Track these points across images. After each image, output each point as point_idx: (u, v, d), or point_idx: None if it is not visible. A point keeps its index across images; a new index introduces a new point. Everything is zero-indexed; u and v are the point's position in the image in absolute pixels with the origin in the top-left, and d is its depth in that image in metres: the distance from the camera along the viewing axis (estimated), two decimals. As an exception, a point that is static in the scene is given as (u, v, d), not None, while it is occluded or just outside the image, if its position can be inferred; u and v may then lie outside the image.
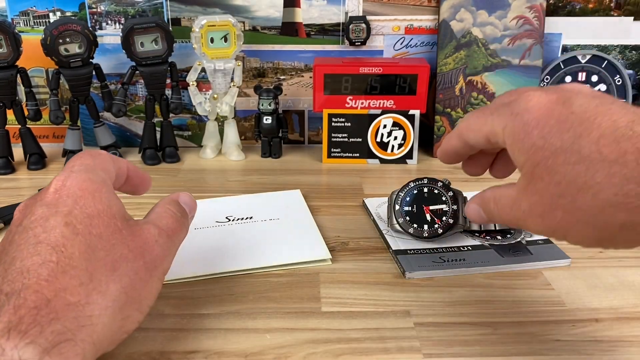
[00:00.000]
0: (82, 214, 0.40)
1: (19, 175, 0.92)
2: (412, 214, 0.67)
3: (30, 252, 0.37)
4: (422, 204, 0.67)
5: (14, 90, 0.90)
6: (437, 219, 0.66)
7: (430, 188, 0.67)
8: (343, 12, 0.97)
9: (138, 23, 0.89)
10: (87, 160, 0.46)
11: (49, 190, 0.42)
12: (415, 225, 0.66)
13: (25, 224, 0.39)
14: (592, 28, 0.99)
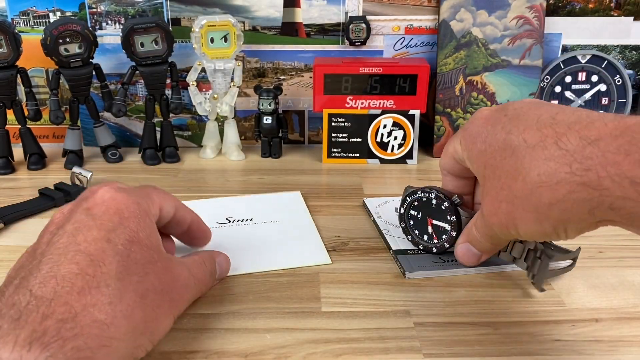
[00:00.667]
0: (125, 235, 0.40)
1: (19, 175, 0.92)
2: (417, 220, 0.64)
3: (68, 259, 0.37)
4: (427, 214, 0.63)
5: (14, 90, 0.90)
6: (435, 236, 0.62)
7: (439, 202, 0.61)
8: (343, 12, 0.97)
9: (138, 23, 0.89)
10: (143, 189, 0.48)
11: (96, 200, 0.42)
12: (417, 231, 0.64)
13: (68, 229, 0.39)
14: (592, 28, 0.99)
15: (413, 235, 0.64)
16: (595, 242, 0.68)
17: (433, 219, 0.62)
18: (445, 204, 0.59)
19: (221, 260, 0.54)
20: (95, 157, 0.98)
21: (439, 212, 0.61)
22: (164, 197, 0.48)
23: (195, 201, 0.78)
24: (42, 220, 0.75)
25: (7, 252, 0.67)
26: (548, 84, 0.99)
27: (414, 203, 0.63)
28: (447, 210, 0.60)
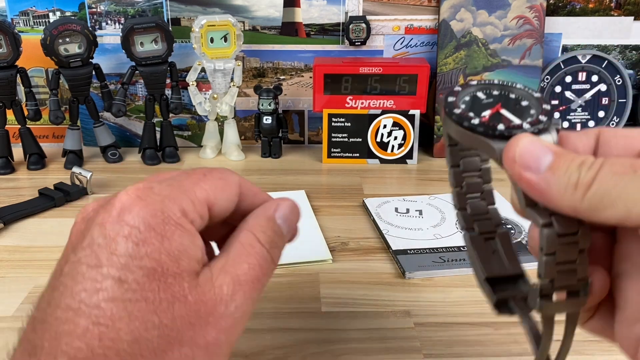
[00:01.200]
0: (141, 269, 0.30)
1: (19, 175, 0.92)
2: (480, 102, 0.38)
3: (65, 343, 0.29)
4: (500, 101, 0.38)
5: (13, 90, 0.90)
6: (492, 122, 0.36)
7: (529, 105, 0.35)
8: (343, 12, 0.97)
9: (138, 23, 0.88)
10: (183, 181, 0.35)
11: (112, 211, 0.33)
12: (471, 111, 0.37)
13: (76, 261, 0.31)
14: (592, 28, 0.99)
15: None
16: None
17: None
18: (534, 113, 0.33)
19: (283, 211, 0.37)
20: (95, 157, 0.98)
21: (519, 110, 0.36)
22: (215, 187, 0.35)
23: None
24: (41, 221, 0.75)
25: (7, 252, 0.67)
26: (548, 84, 0.99)
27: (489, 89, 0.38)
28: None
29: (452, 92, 0.34)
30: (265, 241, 0.35)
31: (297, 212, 0.38)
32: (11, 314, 0.55)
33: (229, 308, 0.32)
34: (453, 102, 0.33)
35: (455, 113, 0.32)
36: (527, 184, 0.28)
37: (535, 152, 0.28)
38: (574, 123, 1.00)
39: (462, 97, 0.34)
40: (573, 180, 0.27)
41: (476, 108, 0.33)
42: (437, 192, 0.82)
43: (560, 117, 1.00)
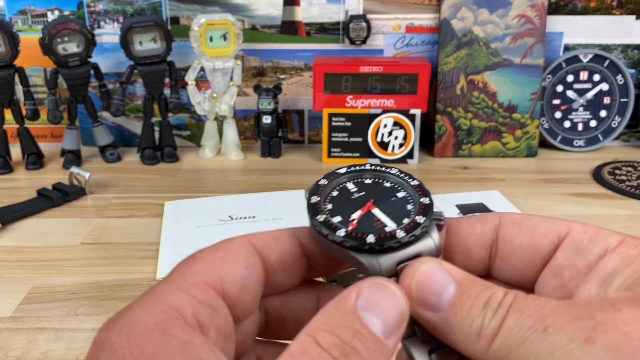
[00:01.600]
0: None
1: (17, 175, 0.91)
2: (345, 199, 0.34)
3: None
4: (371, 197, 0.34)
5: (11, 89, 0.89)
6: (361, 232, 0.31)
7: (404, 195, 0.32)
8: (343, 11, 0.97)
9: (136, 22, 0.88)
10: (180, 275, 0.25)
11: None
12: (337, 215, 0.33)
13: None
14: (594, 27, 0.98)
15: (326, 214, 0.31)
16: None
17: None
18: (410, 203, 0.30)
19: (371, 298, 0.23)
20: (93, 157, 0.98)
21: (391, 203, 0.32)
22: (213, 262, 0.26)
23: (199, 199, 0.78)
24: (40, 221, 0.75)
25: (5, 253, 0.67)
26: (550, 83, 0.98)
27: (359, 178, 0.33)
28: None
29: (316, 188, 0.29)
30: (331, 346, 0.21)
31: (398, 299, 0.23)
32: (9, 315, 0.55)
33: None
34: (316, 205, 0.28)
35: (318, 221, 0.27)
36: (427, 324, 0.24)
37: (435, 285, 0.24)
38: (575, 123, 1.00)
39: (329, 193, 0.29)
40: (476, 327, 0.22)
41: (344, 208, 0.28)
42: (438, 192, 0.81)
43: (562, 117, 1.00)
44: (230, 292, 0.25)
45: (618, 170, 0.90)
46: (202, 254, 0.26)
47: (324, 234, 0.26)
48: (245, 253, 0.26)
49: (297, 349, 0.21)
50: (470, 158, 0.98)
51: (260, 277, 0.27)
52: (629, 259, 0.23)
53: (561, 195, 0.82)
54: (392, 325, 0.23)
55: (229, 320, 0.24)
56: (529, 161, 0.96)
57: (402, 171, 0.30)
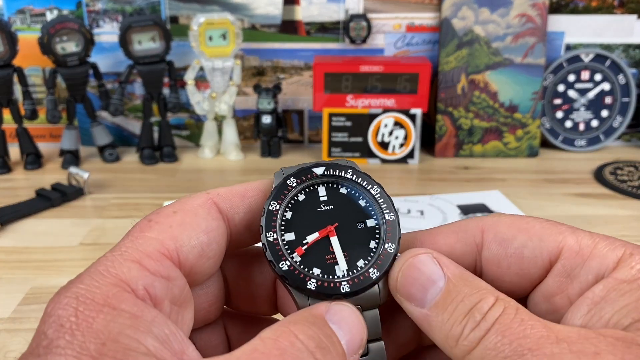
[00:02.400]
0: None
1: (16, 175, 0.91)
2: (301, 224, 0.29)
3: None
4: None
5: (10, 89, 0.89)
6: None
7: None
8: (343, 10, 0.96)
9: (135, 21, 0.88)
10: (128, 240, 0.24)
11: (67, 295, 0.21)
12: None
13: None
14: (595, 26, 0.98)
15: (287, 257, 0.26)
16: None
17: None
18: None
19: (340, 315, 0.24)
20: (92, 157, 0.97)
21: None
22: (170, 227, 0.24)
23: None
24: (39, 221, 0.74)
25: (4, 253, 0.66)
26: (551, 83, 0.98)
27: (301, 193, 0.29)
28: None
29: (282, 189, 0.26)
30: (307, 337, 0.21)
31: (362, 323, 0.24)
32: (8, 316, 0.54)
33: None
34: (272, 215, 0.25)
35: (267, 240, 0.25)
36: (410, 315, 0.24)
37: (422, 280, 0.23)
38: (576, 122, 1.00)
39: (295, 196, 0.27)
40: (455, 334, 0.22)
41: (303, 222, 0.26)
42: (438, 192, 0.81)
43: (563, 116, 1.00)
44: (187, 260, 0.24)
45: (619, 170, 0.90)
46: (158, 216, 0.24)
47: (267, 258, 0.25)
48: (207, 215, 0.25)
49: (271, 336, 0.21)
50: (471, 158, 0.97)
51: (221, 241, 0.25)
52: (619, 287, 0.22)
53: (562, 195, 0.82)
54: (354, 345, 0.23)
55: (185, 289, 0.24)
56: (530, 161, 0.96)
57: (384, 192, 0.27)
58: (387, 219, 0.26)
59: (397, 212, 0.27)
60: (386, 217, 0.26)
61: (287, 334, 0.21)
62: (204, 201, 0.26)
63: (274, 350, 0.20)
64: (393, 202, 0.27)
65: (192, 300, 0.24)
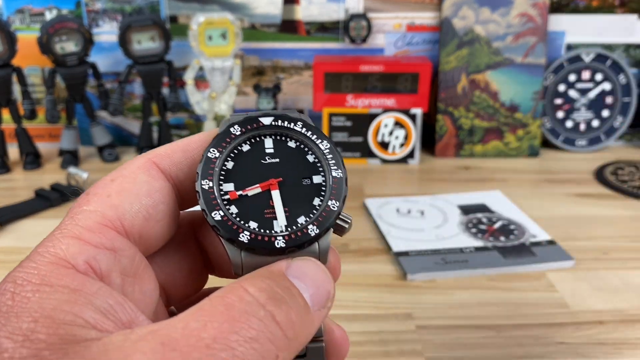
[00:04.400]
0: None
1: (15, 175, 0.90)
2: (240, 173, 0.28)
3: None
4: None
5: (9, 89, 0.89)
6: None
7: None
8: (343, 9, 0.96)
9: (135, 20, 0.87)
10: (94, 204, 0.23)
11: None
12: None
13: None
14: (596, 26, 0.97)
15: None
16: (600, 243, 0.67)
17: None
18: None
19: (300, 268, 0.23)
20: (91, 157, 0.97)
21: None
22: (109, 197, 0.23)
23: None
24: (38, 221, 0.74)
25: (3, 254, 0.66)
26: (552, 83, 0.98)
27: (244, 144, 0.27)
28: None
29: (224, 136, 0.25)
30: (257, 290, 0.20)
31: (327, 276, 0.23)
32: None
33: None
34: (210, 162, 0.24)
35: (202, 188, 0.24)
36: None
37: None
38: (577, 122, 0.99)
39: (238, 146, 0.25)
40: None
41: (245, 173, 0.24)
42: (439, 192, 0.81)
43: (564, 116, 0.99)
44: (134, 227, 0.23)
45: (620, 170, 0.89)
46: (96, 188, 0.23)
47: (200, 207, 0.24)
48: (148, 177, 0.24)
49: (219, 294, 0.20)
50: (472, 158, 0.97)
51: (169, 201, 0.24)
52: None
53: (563, 195, 0.81)
54: (320, 298, 0.22)
55: (136, 258, 0.23)
56: (531, 161, 0.96)
57: (334, 148, 0.26)
58: (334, 176, 0.25)
59: (345, 169, 0.26)
60: (333, 173, 0.25)
61: (237, 289, 0.20)
62: (143, 163, 0.25)
63: (220, 306, 0.19)
64: (342, 158, 0.26)
65: (149, 268, 0.24)
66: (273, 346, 0.19)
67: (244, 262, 0.23)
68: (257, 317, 0.19)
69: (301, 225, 0.24)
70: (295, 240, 0.23)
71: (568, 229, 0.71)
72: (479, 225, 0.70)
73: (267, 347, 0.19)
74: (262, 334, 0.19)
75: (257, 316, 0.19)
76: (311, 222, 0.24)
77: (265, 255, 0.23)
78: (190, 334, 0.18)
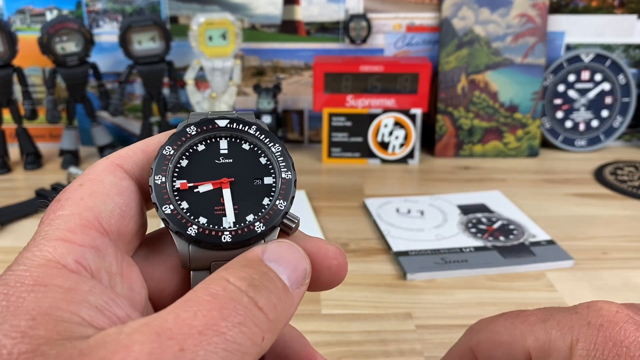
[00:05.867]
0: None
1: (15, 175, 0.91)
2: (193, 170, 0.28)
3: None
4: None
5: (10, 89, 0.89)
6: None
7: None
8: (343, 10, 0.96)
9: (135, 21, 0.88)
10: (82, 191, 0.24)
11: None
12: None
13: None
14: (596, 26, 0.97)
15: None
16: (599, 243, 0.67)
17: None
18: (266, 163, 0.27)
19: (276, 252, 0.24)
20: (92, 157, 0.97)
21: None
22: (81, 200, 0.24)
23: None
24: (38, 222, 0.74)
25: (3, 254, 0.66)
26: (551, 83, 0.98)
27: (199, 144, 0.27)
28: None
29: (180, 135, 0.26)
30: (238, 279, 0.21)
31: (302, 255, 0.24)
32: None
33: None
34: (164, 159, 0.25)
35: (155, 183, 0.25)
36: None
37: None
38: (577, 122, 0.99)
39: (193, 145, 0.26)
40: None
41: (197, 170, 0.25)
42: (439, 192, 0.81)
43: (563, 117, 0.99)
44: (111, 225, 0.24)
45: (620, 170, 0.90)
46: (66, 193, 0.24)
47: (152, 200, 0.25)
48: (113, 178, 0.25)
49: (202, 285, 0.21)
50: (472, 158, 0.97)
51: (137, 199, 0.25)
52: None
53: (562, 195, 0.82)
54: (297, 277, 0.23)
55: (118, 256, 0.24)
56: (531, 161, 0.96)
57: (285, 151, 0.27)
58: (283, 177, 0.26)
59: (295, 171, 0.27)
60: (283, 175, 0.26)
61: (219, 279, 0.21)
62: (106, 166, 0.25)
63: (206, 297, 0.20)
64: (293, 161, 0.27)
65: (134, 267, 0.25)
66: (258, 329, 0.20)
67: (192, 255, 0.24)
68: (241, 304, 0.20)
69: (249, 222, 0.25)
70: (242, 235, 0.24)
71: (567, 229, 0.71)
72: (478, 225, 0.70)
73: (253, 330, 0.20)
74: (247, 318, 0.20)
75: (242, 303, 0.20)
76: (258, 220, 0.25)
77: (211, 250, 0.24)
78: (183, 322, 0.19)
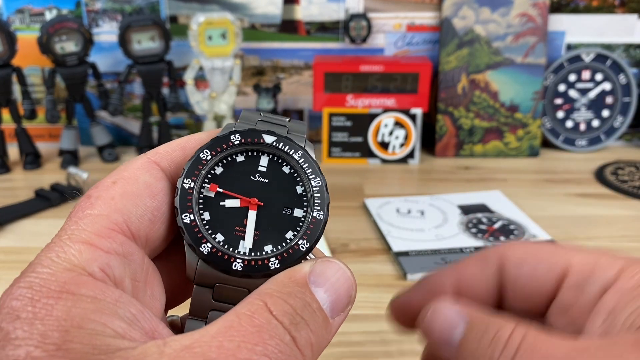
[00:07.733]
0: None
1: (15, 175, 0.90)
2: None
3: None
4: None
5: (9, 89, 0.89)
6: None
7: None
8: (343, 9, 0.96)
9: (135, 20, 0.87)
10: (105, 204, 0.22)
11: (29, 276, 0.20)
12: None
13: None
14: (596, 26, 0.97)
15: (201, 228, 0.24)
16: (600, 243, 0.67)
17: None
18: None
19: (325, 274, 0.23)
20: (91, 157, 0.97)
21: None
22: (112, 200, 0.22)
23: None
24: (38, 221, 0.74)
25: (3, 254, 0.66)
26: (552, 83, 0.98)
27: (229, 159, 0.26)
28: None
29: (222, 140, 0.24)
30: (281, 313, 0.21)
31: (349, 279, 0.24)
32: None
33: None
34: (199, 162, 0.24)
35: (183, 187, 0.23)
36: (443, 356, 0.24)
37: (446, 325, 0.24)
38: (577, 122, 0.99)
39: (233, 154, 0.25)
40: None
41: (231, 180, 0.24)
42: (439, 192, 0.81)
43: (564, 116, 0.99)
44: (140, 230, 0.22)
45: (620, 170, 0.89)
46: (98, 190, 0.23)
47: (175, 205, 0.23)
48: (150, 178, 0.23)
49: (245, 311, 0.21)
50: (472, 158, 0.97)
51: (171, 201, 0.24)
52: (627, 294, 0.24)
53: (563, 195, 0.81)
54: (340, 304, 0.23)
55: (144, 263, 0.23)
56: (531, 161, 0.96)
57: (324, 189, 0.26)
58: (314, 215, 0.25)
59: (328, 213, 0.25)
60: (315, 213, 0.25)
61: (263, 310, 0.21)
62: (143, 163, 0.24)
63: (250, 327, 0.20)
64: (328, 203, 0.25)
65: (157, 273, 0.24)
66: (291, 353, 0.20)
67: (198, 271, 0.23)
68: (283, 341, 0.20)
69: (265, 254, 0.24)
70: (253, 267, 0.23)
71: (568, 229, 0.70)
72: (479, 225, 0.70)
73: (279, 351, 0.20)
74: (288, 357, 0.20)
75: (284, 341, 0.20)
76: (275, 256, 0.23)
77: (220, 272, 0.23)
78: (227, 354, 0.19)
